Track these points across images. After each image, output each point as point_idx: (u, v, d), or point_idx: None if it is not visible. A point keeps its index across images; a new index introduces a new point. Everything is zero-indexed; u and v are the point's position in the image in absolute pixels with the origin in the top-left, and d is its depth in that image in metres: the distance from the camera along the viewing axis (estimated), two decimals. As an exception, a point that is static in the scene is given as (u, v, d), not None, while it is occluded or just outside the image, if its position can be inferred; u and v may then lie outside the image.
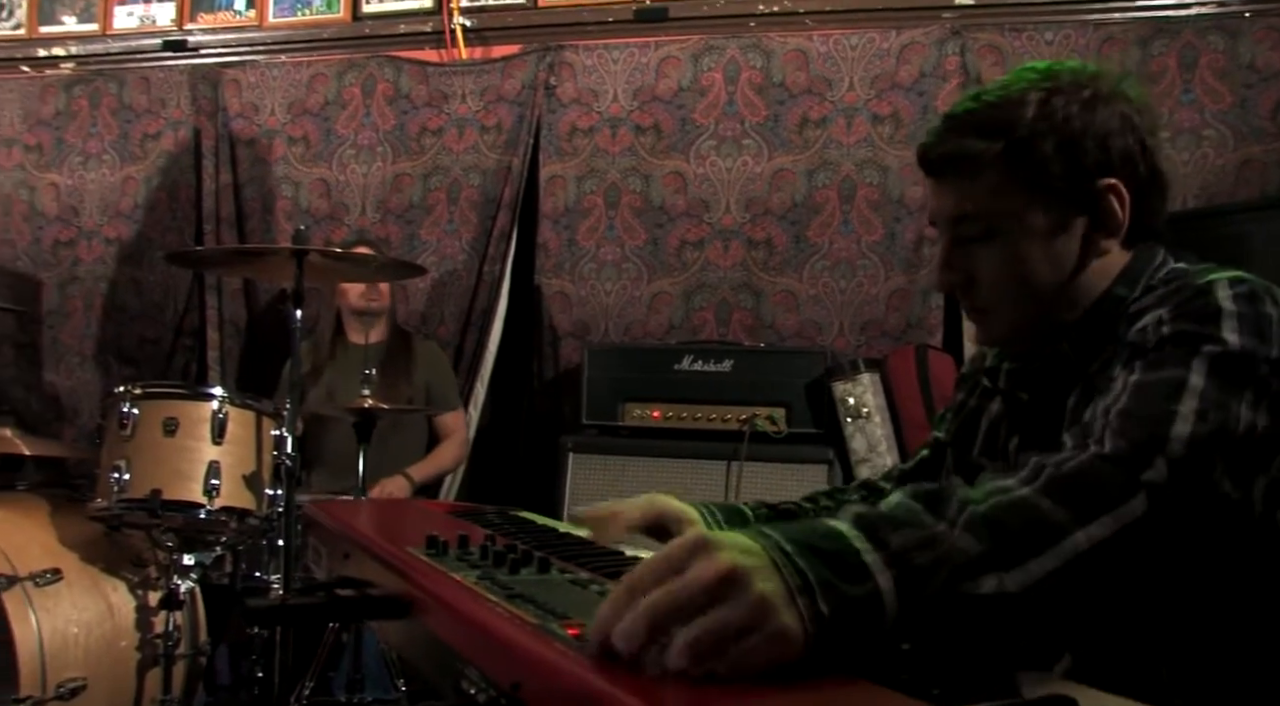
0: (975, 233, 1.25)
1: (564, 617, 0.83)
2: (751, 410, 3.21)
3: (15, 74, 4.41)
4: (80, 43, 4.35)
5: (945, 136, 1.26)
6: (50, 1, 4.40)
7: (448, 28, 3.88)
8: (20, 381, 4.35)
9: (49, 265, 4.31)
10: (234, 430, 2.54)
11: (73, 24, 4.38)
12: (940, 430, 1.57)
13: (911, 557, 0.79)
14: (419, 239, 3.85)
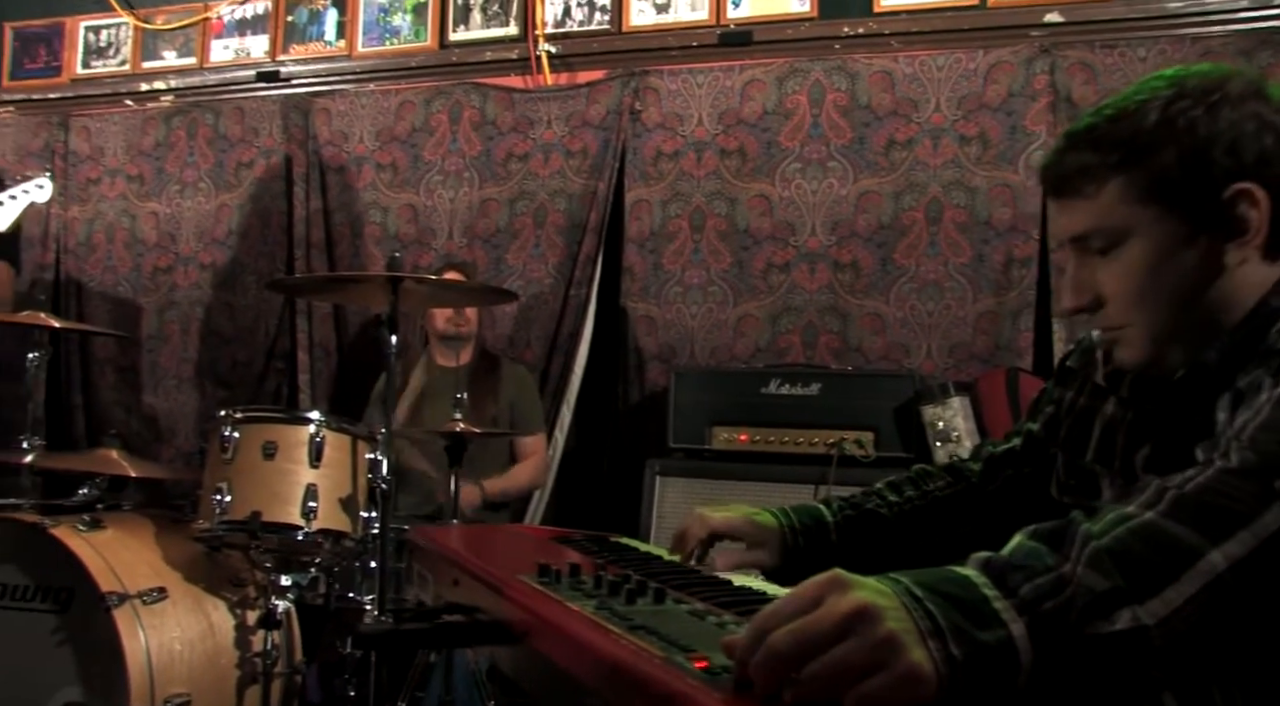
0: (1098, 249, 1.21)
1: (689, 650, 0.84)
2: (839, 434, 3.19)
3: (120, 108, 4.56)
4: (179, 76, 4.49)
5: (1064, 154, 1.23)
6: (152, 38, 4.55)
7: (533, 54, 3.93)
8: (121, 403, 4.48)
9: (148, 291, 4.44)
10: (331, 454, 2.59)
11: (173, 59, 4.52)
12: (1034, 422, 1.52)
13: (1042, 604, 0.78)
14: (505, 263, 3.90)
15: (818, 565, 1.49)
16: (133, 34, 4.59)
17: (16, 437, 4.38)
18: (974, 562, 0.82)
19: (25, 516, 2.64)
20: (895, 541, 1.56)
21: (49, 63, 4.71)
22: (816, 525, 1.54)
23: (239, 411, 2.61)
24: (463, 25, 4.10)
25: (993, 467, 1.57)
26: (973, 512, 1.57)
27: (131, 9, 4.59)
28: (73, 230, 4.58)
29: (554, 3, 3.97)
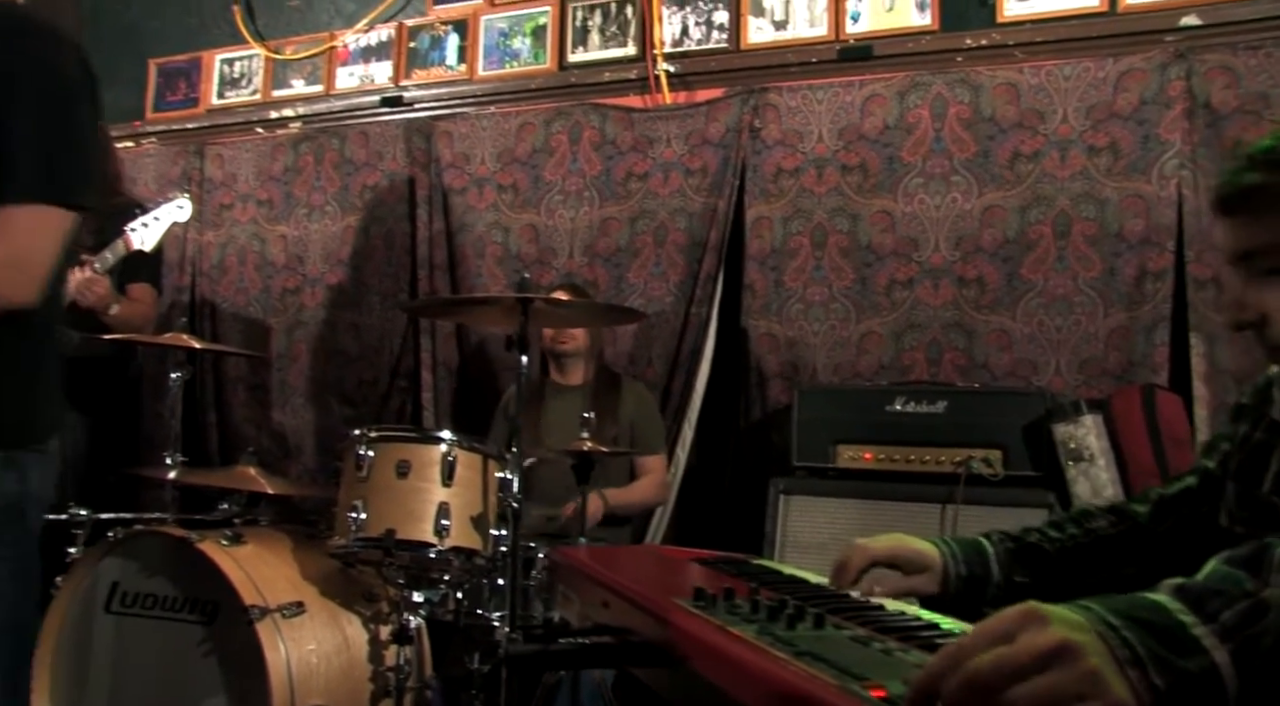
0: (1266, 269, 1.20)
1: (862, 678, 0.83)
2: (967, 452, 3.13)
3: (251, 136, 4.72)
4: (307, 103, 4.63)
5: (1242, 173, 1.23)
6: (282, 68, 4.70)
7: (651, 74, 3.96)
8: (251, 420, 4.62)
9: (277, 311, 4.58)
10: (462, 472, 2.63)
11: (301, 87, 4.67)
12: (1210, 460, 1.50)
13: (1245, 630, 0.75)
14: (627, 282, 3.93)
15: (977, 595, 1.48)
16: (264, 65, 4.75)
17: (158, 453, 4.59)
18: (1166, 588, 0.80)
19: (173, 530, 2.73)
20: (1057, 576, 1.54)
21: (188, 95, 4.91)
22: (977, 555, 1.52)
23: (373, 431, 2.67)
24: (581, 47, 4.15)
25: (1164, 509, 1.54)
26: (1139, 551, 1.54)
27: (263, 41, 4.76)
28: (207, 254, 4.75)
29: (671, 22, 3.99)
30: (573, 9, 4.18)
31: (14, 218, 1.64)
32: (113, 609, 2.78)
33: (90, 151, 1.78)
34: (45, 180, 1.66)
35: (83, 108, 1.74)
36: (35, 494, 1.73)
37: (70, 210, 1.70)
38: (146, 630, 2.71)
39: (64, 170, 1.69)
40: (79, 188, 1.72)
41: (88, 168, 1.76)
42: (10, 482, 1.69)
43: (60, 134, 1.69)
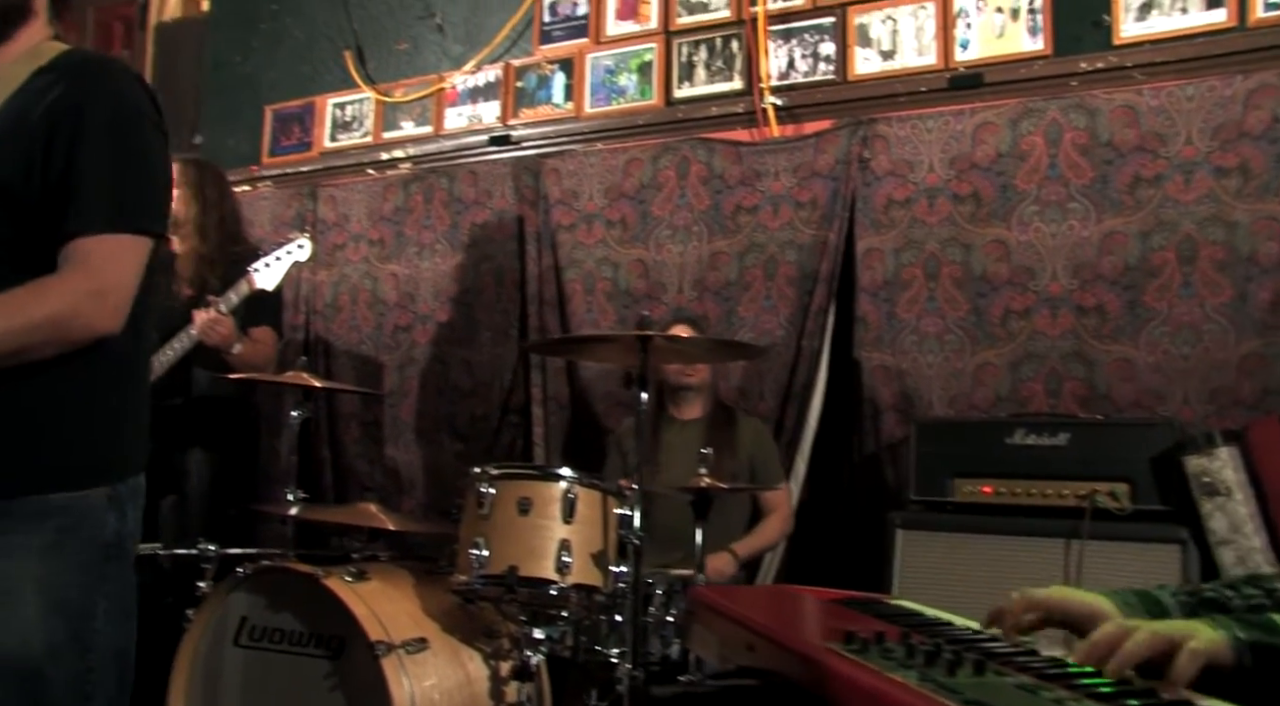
0: None
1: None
2: (1091, 485, 3.04)
3: (363, 177, 4.83)
4: (416, 144, 4.72)
5: None
6: (392, 110, 4.81)
7: (759, 107, 3.96)
8: (365, 456, 4.70)
9: (389, 348, 4.66)
10: (583, 509, 2.64)
11: (411, 128, 4.76)
12: None
13: None
14: (737, 315, 3.91)
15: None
16: (374, 108, 4.86)
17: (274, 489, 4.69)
18: None
19: (299, 567, 2.78)
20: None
21: (301, 139, 5.04)
22: (1157, 608, 1.45)
23: (494, 468, 2.69)
24: (687, 82, 4.17)
25: None
26: None
27: (373, 85, 4.87)
28: (320, 293, 4.85)
29: (778, 55, 3.99)
30: (678, 45, 4.20)
31: (91, 248, 1.66)
32: (241, 642, 2.84)
33: (160, 179, 1.82)
34: (118, 210, 1.69)
35: (150, 137, 1.77)
36: (133, 530, 1.77)
37: (145, 237, 1.73)
38: (274, 663, 2.76)
39: (135, 199, 1.72)
40: (151, 215, 1.75)
41: (158, 195, 1.80)
42: (113, 521, 1.72)
43: (130, 163, 1.72)
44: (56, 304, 1.63)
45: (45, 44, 1.81)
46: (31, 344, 1.62)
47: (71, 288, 1.64)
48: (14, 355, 1.62)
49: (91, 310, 1.65)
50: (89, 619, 1.67)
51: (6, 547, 1.63)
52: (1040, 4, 3.60)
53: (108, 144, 1.69)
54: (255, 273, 3.48)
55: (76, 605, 1.66)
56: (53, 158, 1.66)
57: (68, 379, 1.69)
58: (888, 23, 3.84)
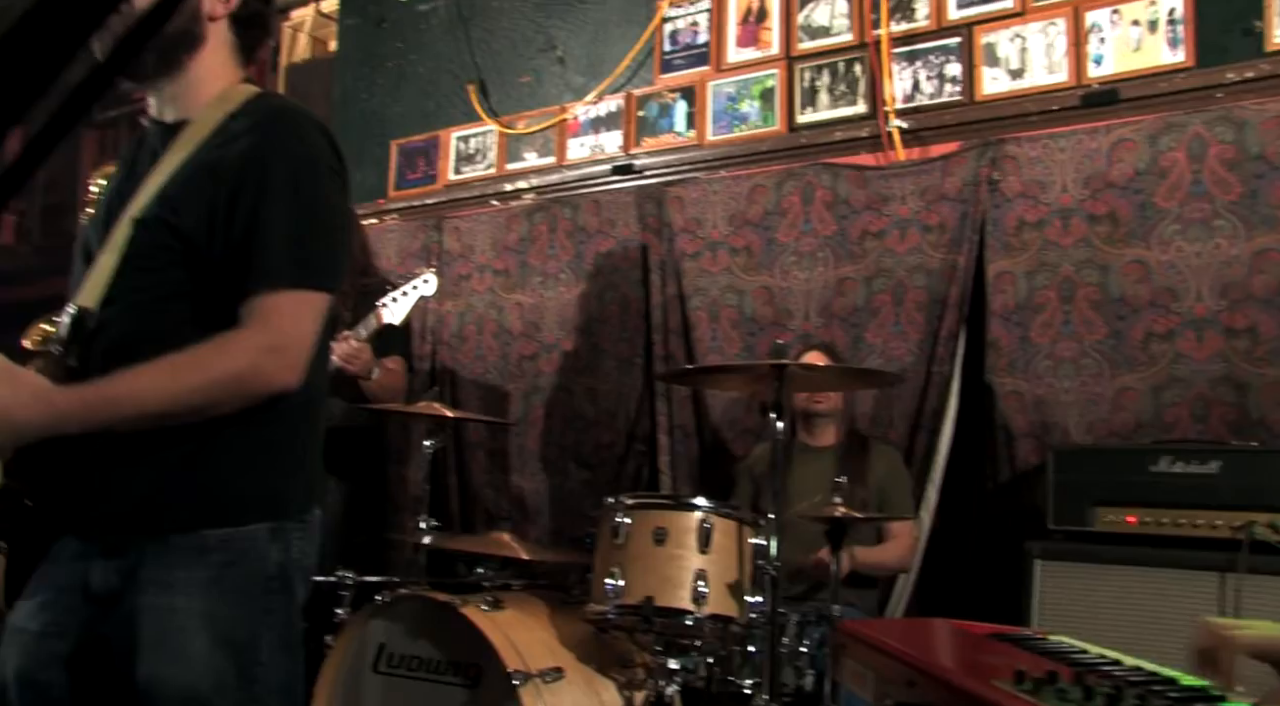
0: None
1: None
2: (1246, 515, 2.90)
3: (487, 209, 4.91)
4: (539, 175, 4.79)
5: None
6: (515, 142, 4.89)
7: (884, 131, 3.92)
8: (491, 485, 4.75)
9: (515, 377, 4.71)
10: (718, 539, 2.63)
11: (533, 159, 4.83)
12: None
13: None
14: (865, 341, 3.86)
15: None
16: (497, 140, 4.95)
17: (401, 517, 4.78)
18: None
19: (437, 595, 2.81)
20: None
21: (427, 172, 5.15)
22: None
23: (629, 498, 2.70)
24: (810, 107, 4.15)
25: None
26: None
27: (496, 117, 4.96)
28: (446, 323, 4.94)
29: (902, 78, 3.94)
30: (800, 70, 4.18)
31: (272, 305, 1.67)
32: (380, 669, 2.89)
33: (341, 234, 1.83)
34: (300, 266, 1.69)
35: (333, 191, 1.78)
36: (299, 563, 1.78)
37: (324, 293, 1.73)
38: (412, 690, 2.80)
39: (317, 255, 1.72)
40: (331, 271, 1.75)
41: (339, 251, 1.81)
42: (276, 553, 1.73)
43: (312, 219, 1.73)
44: (237, 361, 1.65)
45: (236, 88, 1.83)
46: (212, 400, 1.64)
47: (252, 344, 1.65)
48: (196, 412, 1.64)
49: (271, 367, 1.66)
50: (254, 652, 1.69)
51: (171, 583, 1.65)
52: (1182, 14, 3.50)
53: (291, 200, 1.70)
54: (383, 307, 3.56)
55: (241, 639, 1.68)
56: (237, 212, 1.68)
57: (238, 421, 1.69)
58: (1016, 41, 3.76)
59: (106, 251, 1.73)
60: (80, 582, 1.70)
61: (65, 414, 1.59)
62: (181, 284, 1.71)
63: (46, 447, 1.60)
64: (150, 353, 1.63)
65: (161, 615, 1.64)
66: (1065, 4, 3.68)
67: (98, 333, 1.71)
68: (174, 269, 1.71)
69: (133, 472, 1.68)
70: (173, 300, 1.71)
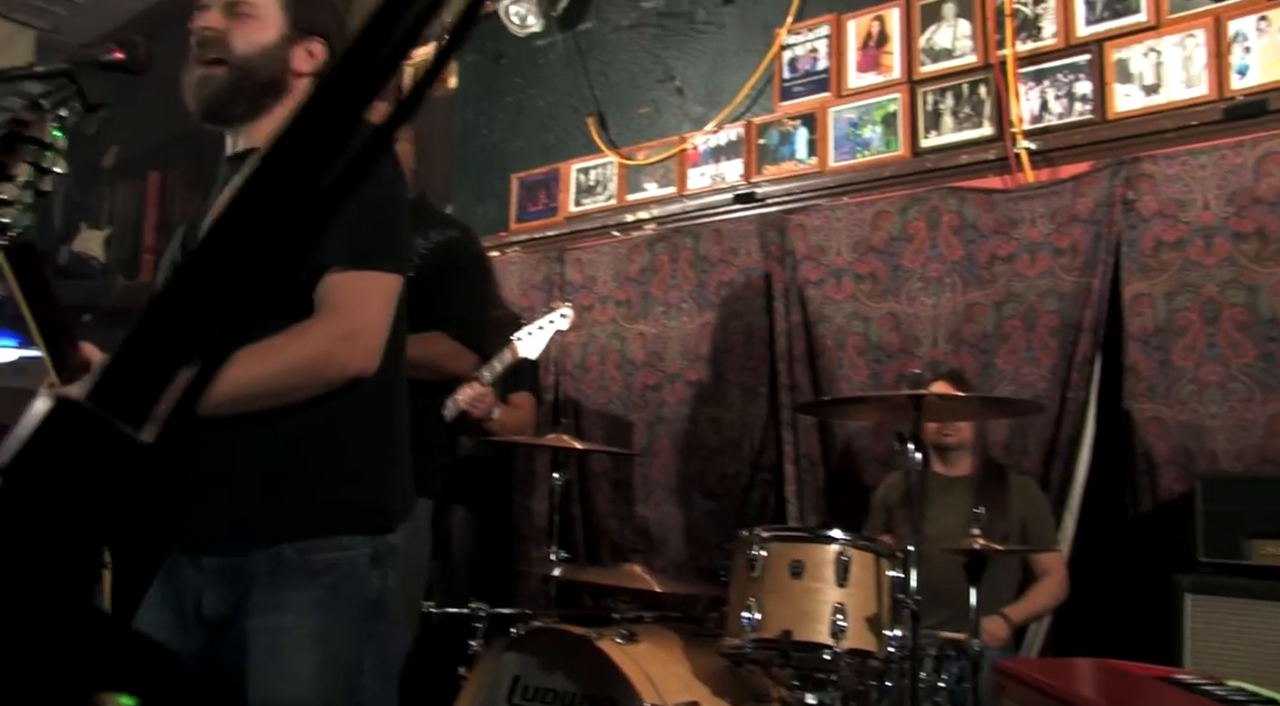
0: None
1: None
2: None
3: (608, 239, 4.95)
4: (660, 205, 4.81)
5: None
6: (635, 173, 4.92)
7: (1011, 152, 3.84)
8: (615, 515, 4.77)
9: (638, 407, 4.73)
10: (856, 572, 2.59)
11: (654, 189, 4.86)
12: None
13: None
14: (995, 367, 3.78)
15: None
16: (617, 171, 4.99)
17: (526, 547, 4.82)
18: None
19: (573, 628, 2.82)
20: None
21: (547, 204, 5.22)
22: None
23: (764, 530, 2.68)
24: (934, 131, 4.10)
25: None
26: None
27: (616, 149, 5.00)
28: (569, 354, 4.98)
29: (1029, 98, 3.87)
30: (923, 94, 4.13)
31: (339, 287, 1.72)
32: (515, 702, 2.91)
33: (400, 219, 1.86)
34: (359, 245, 1.73)
35: (391, 183, 1.84)
36: (395, 589, 1.81)
37: (390, 274, 1.77)
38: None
39: (375, 237, 1.77)
40: (392, 253, 1.79)
41: (397, 235, 1.85)
42: (377, 579, 1.76)
43: (369, 203, 1.77)
44: (311, 347, 1.69)
45: None
46: (289, 386, 1.69)
47: (325, 331, 1.70)
48: (273, 396, 1.68)
49: (345, 352, 1.71)
50: (358, 675, 1.72)
51: (281, 604, 1.70)
52: (1331, 23, 3.37)
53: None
54: (518, 342, 3.60)
55: (347, 661, 1.72)
56: None
57: (325, 421, 1.75)
58: (1150, 55, 3.66)
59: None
60: (193, 607, 1.76)
61: None
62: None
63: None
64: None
65: (272, 636, 1.69)
66: (1205, 14, 3.57)
67: None
68: None
69: (234, 488, 1.74)
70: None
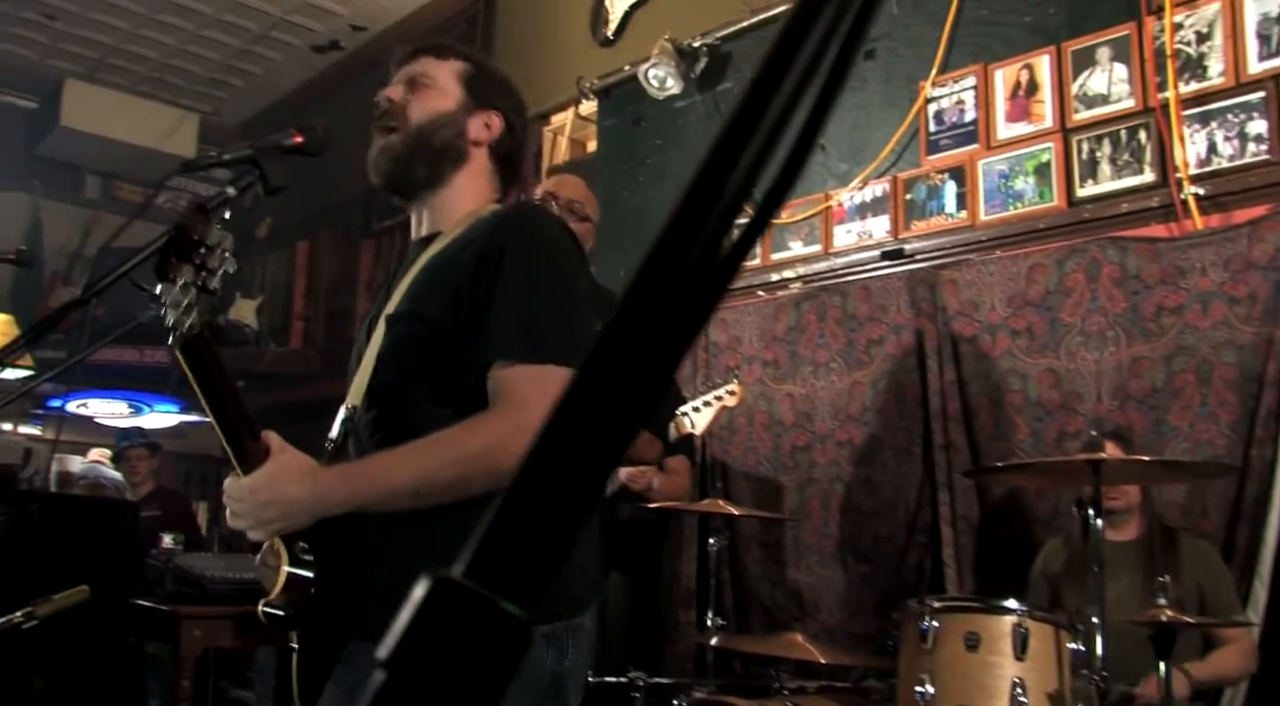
0: None
1: None
2: None
3: (753, 299, 4.91)
4: (805, 263, 4.76)
5: None
6: (780, 231, 4.89)
7: (1177, 199, 3.68)
8: (765, 578, 4.67)
9: (788, 469, 4.64)
10: (1035, 645, 2.46)
11: (799, 248, 4.81)
12: None
13: None
14: (1167, 425, 3.59)
15: None
16: (768, 231, 4.96)
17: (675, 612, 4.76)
18: None
19: (737, 701, 2.75)
20: None
21: (691, 265, 5.20)
22: None
23: (936, 600, 2.57)
24: (1090, 180, 3.96)
25: None
26: None
27: (759, 208, 4.96)
28: (717, 416, 4.92)
29: (1195, 141, 3.71)
30: (1077, 142, 4.00)
31: (513, 380, 1.69)
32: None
33: (579, 314, 1.82)
34: (533, 338, 1.71)
35: (570, 273, 1.82)
36: (571, 671, 1.75)
37: (565, 368, 1.71)
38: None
39: (551, 330, 1.74)
40: (569, 346, 1.74)
41: (576, 328, 1.79)
42: (552, 661, 1.71)
43: (546, 297, 1.75)
44: (486, 437, 1.67)
45: (485, 206, 1.96)
46: (464, 476, 1.66)
47: (500, 422, 1.68)
48: (449, 488, 1.66)
49: (519, 444, 1.65)
50: None
51: None
52: None
53: (525, 279, 1.75)
54: (684, 416, 3.57)
55: None
56: (477, 293, 1.74)
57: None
58: (1328, 93, 3.48)
59: (368, 353, 1.86)
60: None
61: (326, 491, 1.67)
62: (427, 369, 1.79)
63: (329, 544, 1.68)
64: (400, 436, 1.69)
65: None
66: (1389, 49, 3.39)
67: (362, 426, 1.82)
68: (421, 357, 1.79)
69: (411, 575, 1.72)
70: (419, 384, 1.79)
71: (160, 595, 4.30)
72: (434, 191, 1.96)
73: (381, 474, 1.68)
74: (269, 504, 1.65)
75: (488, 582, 0.40)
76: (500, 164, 2.02)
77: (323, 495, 1.67)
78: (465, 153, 1.96)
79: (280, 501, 1.65)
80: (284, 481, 1.66)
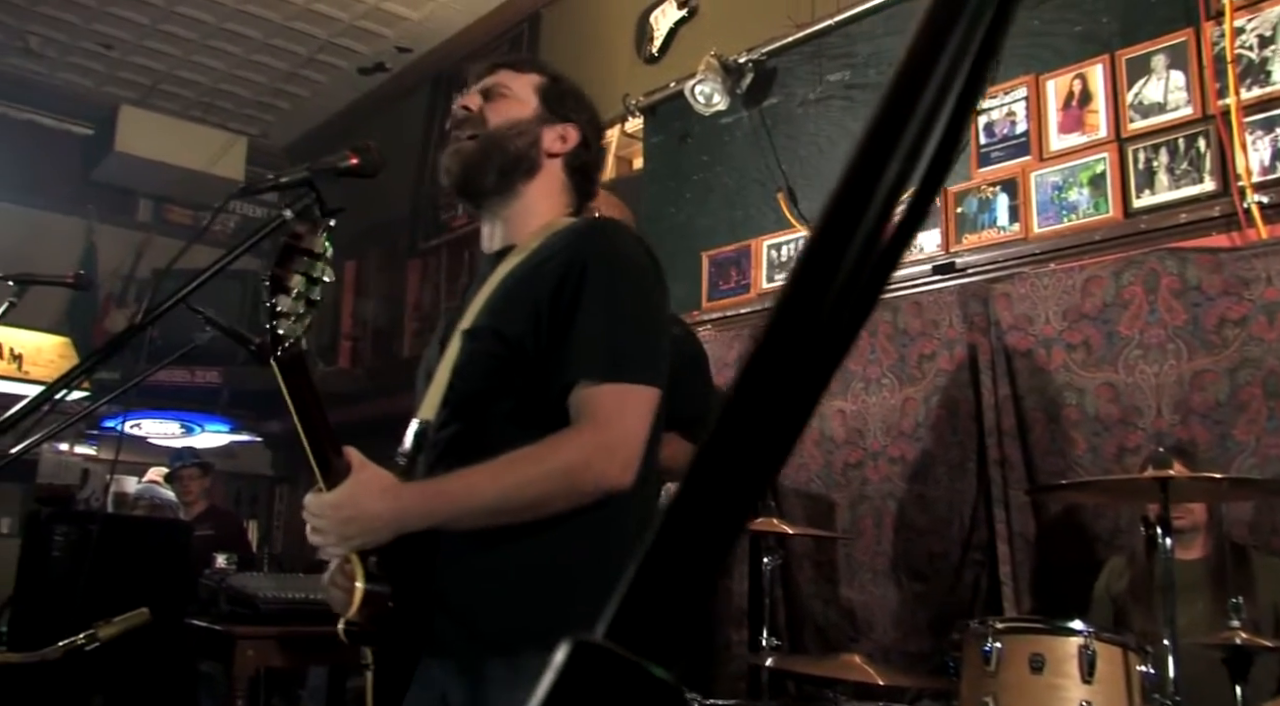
0: None
1: None
2: None
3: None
4: (855, 278, 4.71)
5: None
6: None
7: (1239, 208, 3.60)
8: (818, 596, 4.62)
9: (840, 486, 4.59)
10: (1103, 667, 2.40)
11: (849, 262, 4.76)
12: None
13: None
14: (1232, 439, 3.51)
15: None
16: (809, 245, 4.91)
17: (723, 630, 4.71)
18: None
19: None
20: None
21: (739, 282, 5.19)
22: None
23: (999, 621, 2.52)
24: (1147, 190, 3.89)
25: None
26: None
27: (808, 223, 4.94)
28: (766, 432, 4.88)
29: (1258, 148, 3.63)
30: (1133, 151, 3.94)
31: (597, 399, 1.68)
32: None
33: (661, 332, 1.82)
34: (617, 358, 1.70)
35: (651, 292, 1.81)
36: None
37: (648, 387, 1.72)
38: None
39: (634, 349, 1.73)
40: (650, 366, 1.74)
41: (658, 346, 1.79)
42: None
43: (629, 316, 1.75)
44: (569, 455, 1.66)
45: (559, 219, 1.94)
46: (546, 494, 1.66)
47: (583, 440, 1.67)
48: (530, 506, 1.66)
49: (602, 463, 1.66)
50: None
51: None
52: None
53: (607, 297, 1.74)
54: None
55: None
56: (558, 311, 1.73)
57: (581, 533, 1.71)
58: (1392, 101, 3.40)
59: (442, 367, 1.84)
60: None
61: (407, 507, 1.67)
62: (505, 386, 1.77)
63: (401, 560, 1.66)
64: (476, 453, 1.68)
65: None
66: None
67: (435, 441, 1.80)
68: (499, 374, 1.78)
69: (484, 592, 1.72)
70: (496, 401, 1.78)
71: (215, 615, 4.33)
72: (505, 202, 1.95)
73: (464, 490, 1.68)
74: (351, 519, 1.65)
75: (633, 645, 0.37)
76: (575, 177, 2.00)
77: (404, 511, 1.67)
78: (538, 163, 1.95)
79: (362, 517, 1.65)
80: (366, 497, 1.65)
